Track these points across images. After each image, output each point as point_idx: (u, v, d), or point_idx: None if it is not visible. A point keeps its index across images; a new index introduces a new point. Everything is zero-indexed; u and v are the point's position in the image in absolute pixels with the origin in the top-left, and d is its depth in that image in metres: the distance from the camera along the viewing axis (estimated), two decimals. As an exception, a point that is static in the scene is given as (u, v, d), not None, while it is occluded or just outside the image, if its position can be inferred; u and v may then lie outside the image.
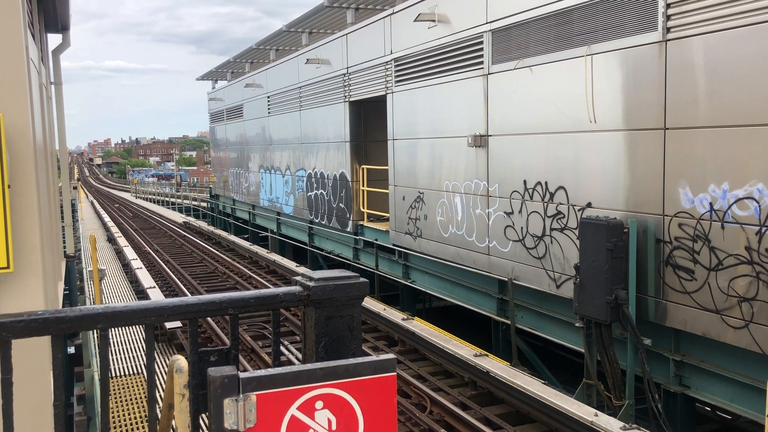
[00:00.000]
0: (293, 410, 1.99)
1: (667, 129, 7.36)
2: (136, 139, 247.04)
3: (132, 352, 10.34)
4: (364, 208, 15.87)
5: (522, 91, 9.67)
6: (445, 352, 9.34)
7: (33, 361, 3.57)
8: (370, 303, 12.01)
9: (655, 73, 7.48)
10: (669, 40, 7.29)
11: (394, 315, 11.26)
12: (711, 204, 6.88)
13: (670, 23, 7.26)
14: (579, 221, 8.39)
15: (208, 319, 11.29)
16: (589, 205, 8.53)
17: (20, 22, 3.67)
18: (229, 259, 18.61)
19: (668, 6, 7.26)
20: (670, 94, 7.31)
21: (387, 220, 14.61)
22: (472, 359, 8.72)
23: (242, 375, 1.93)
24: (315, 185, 18.41)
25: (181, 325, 10.74)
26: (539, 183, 9.40)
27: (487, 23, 10.33)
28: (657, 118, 7.48)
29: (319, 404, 2.03)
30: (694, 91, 7.03)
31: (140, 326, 10.08)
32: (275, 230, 22.37)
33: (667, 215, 7.44)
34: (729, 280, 6.74)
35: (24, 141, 3.61)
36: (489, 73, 10.39)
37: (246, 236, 24.95)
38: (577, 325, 8.32)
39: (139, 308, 2.06)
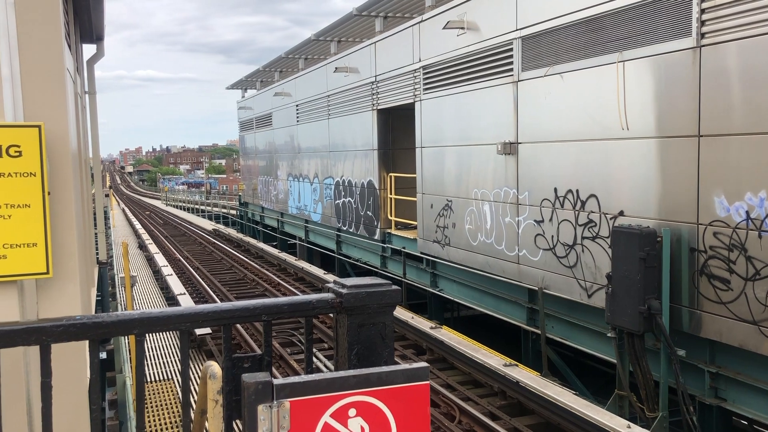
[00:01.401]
0: (326, 417, 1.99)
1: (702, 136, 7.24)
2: (167, 147, 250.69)
3: (161, 358, 10.45)
4: (391, 216, 15.87)
5: (552, 98, 9.59)
6: (474, 361, 9.27)
7: (69, 365, 3.63)
8: (397, 311, 11.98)
9: (689, 80, 7.36)
10: (703, 45, 7.17)
11: (423, 323, 11.21)
12: (747, 212, 6.74)
13: (704, 29, 7.15)
14: (611, 230, 8.28)
15: (237, 325, 11.37)
16: (621, 213, 8.42)
17: (61, 35, 3.75)
18: (258, 266, 18.74)
19: (703, 11, 7.15)
20: (704, 100, 7.19)
21: (414, 228, 14.59)
22: (502, 369, 8.63)
23: (276, 381, 1.93)
24: (343, 193, 18.46)
25: (210, 331, 10.83)
26: (570, 191, 9.31)
27: (516, 30, 10.29)
28: (691, 125, 7.36)
29: (352, 412, 2.02)
30: (730, 97, 6.90)
31: (172, 332, 10.16)
32: (303, 238, 22.49)
33: (701, 224, 7.30)
34: (767, 290, 6.58)
35: (63, 149, 3.68)
36: (519, 80, 10.34)
37: (274, 244, 25.11)
38: (609, 335, 8.19)
39: (175, 314, 2.08)
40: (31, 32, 3.61)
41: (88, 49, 10.64)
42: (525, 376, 8.35)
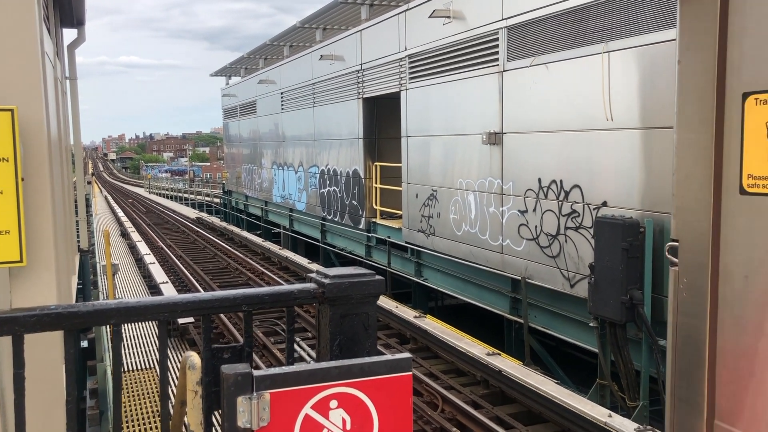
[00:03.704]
0: (307, 409, 1.96)
1: (685, 127, 7.26)
2: (150, 134, 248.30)
3: (144, 347, 10.38)
4: (377, 205, 15.84)
5: (538, 89, 9.59)
6: (457, 350, 9.30)
7: (45, 355, 3.57)
8: (382, 300, 11.97)
9: (673, 71, 7.36)
10: (688, 37, 7.18)
11: (407, 312, 11.22)
12: (729, 204, 6.78)
13: (689, 20, 7.15)
14: (594, 220, 8.31)
15: (221, 314, 11.29)
16: (604, 203, 8.45)
17: (35, 15, 3.66)
18: (241, 255, 18.65)
19: (688, 3, 7.15)
20: (688, 92, 7.20)
21: (400, 217, 14.58)
22: (485, 358, 8.67)
23: (256, 373, 1.90)
24: (328, 182, 18.39)
25: (193, 320, 10.76)
26: (554, 181, 9.32)
27: (502, 20, 10.25)
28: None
29: (333, 403, 2.00)
30: (714, 89, 6.92)
31: (153, 322, 10.09)
32: (288, 227, 22.40)
33: (684, 215, 7.33)
34: (747, 281, 6.63)
35: (38, 134, 3.60)
36: (504, 70, 10.32)
37: (258, 232, 25.00)
38: (591, 324, 8.24)
39: (152, 304, 2.03)
40: (4, 14, 3.52)
41: (69, 34, 10.46)
42: (507, 365, 8.39)
